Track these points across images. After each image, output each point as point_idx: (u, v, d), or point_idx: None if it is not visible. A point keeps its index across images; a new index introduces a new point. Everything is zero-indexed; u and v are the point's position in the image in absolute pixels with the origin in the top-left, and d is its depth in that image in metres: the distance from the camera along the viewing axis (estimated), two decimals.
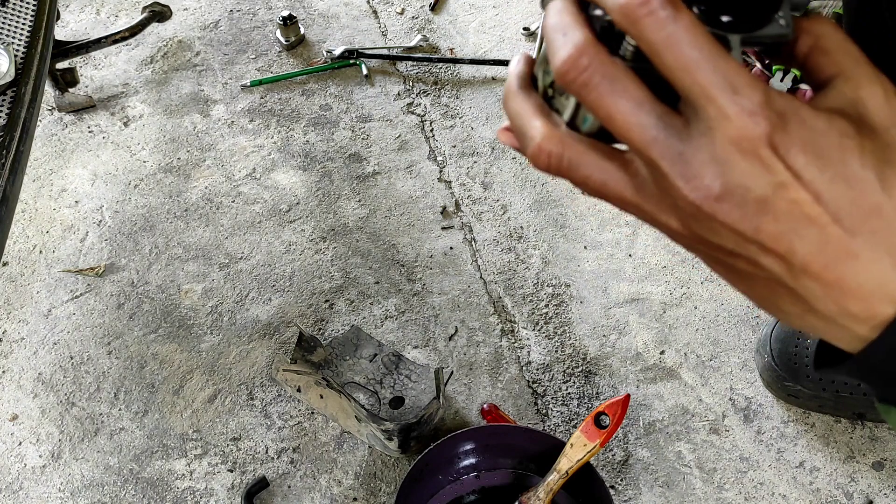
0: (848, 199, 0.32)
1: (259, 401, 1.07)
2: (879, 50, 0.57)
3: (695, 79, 0.31)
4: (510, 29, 1.57)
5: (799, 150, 0.31)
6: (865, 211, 0.32)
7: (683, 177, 0.32)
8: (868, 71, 0.35)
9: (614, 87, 0.32)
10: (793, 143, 0.31)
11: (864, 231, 0.32)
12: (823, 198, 0.31)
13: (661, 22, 0.30)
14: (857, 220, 0.32)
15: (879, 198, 0.32)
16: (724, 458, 1.00)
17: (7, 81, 0.93)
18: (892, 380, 0.36)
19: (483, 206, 1.29)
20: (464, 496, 0.93)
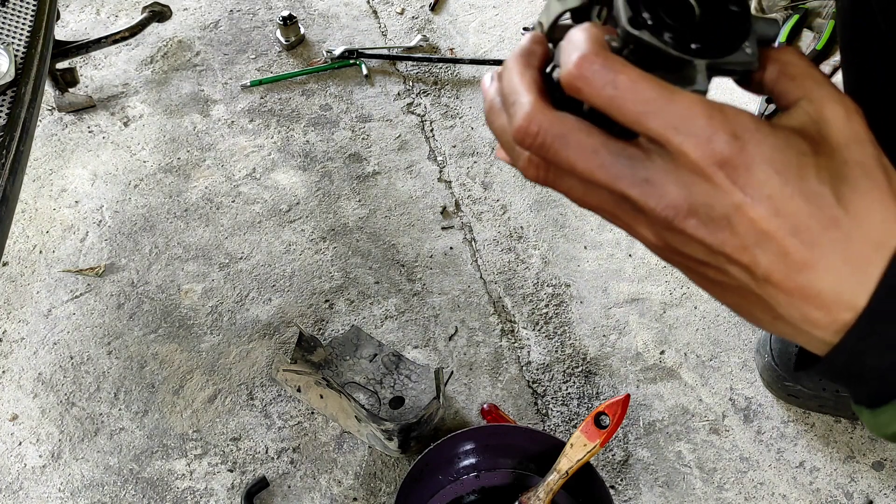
0: (805, 213, 0.34)
1: (259, 401, 1.07)
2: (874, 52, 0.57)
3: (646, 127, 0.33)
4: (510, 29, 1.57)
5: (758, 167, 0.34)
6: (822, 224, 0.34)
7: (653, 198, 0.35)
8: (830, 92, 0.37)
9: (567, 143, 0.35)
10: (752, 162, 0.34)
11: (821, 243, 0.34)
12: (782, 212, 0.34)
13: (601, 88, 0.33)
14: (814, 233, 0.34)
15: (835, 211, 0.34)
16: (724, 458, 1.00)
17: (7, 81, 0.93)
18: (857, 381, 0.39)
19: (483, 206, 1.29)
20: (464, 496, 0.93)
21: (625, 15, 0.35)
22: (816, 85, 0.37)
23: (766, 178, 0.34)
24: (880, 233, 0.35)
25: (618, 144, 0.35)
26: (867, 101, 0.59)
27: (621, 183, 0.35)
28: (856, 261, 0.35)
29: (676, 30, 0.35)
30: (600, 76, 0.33)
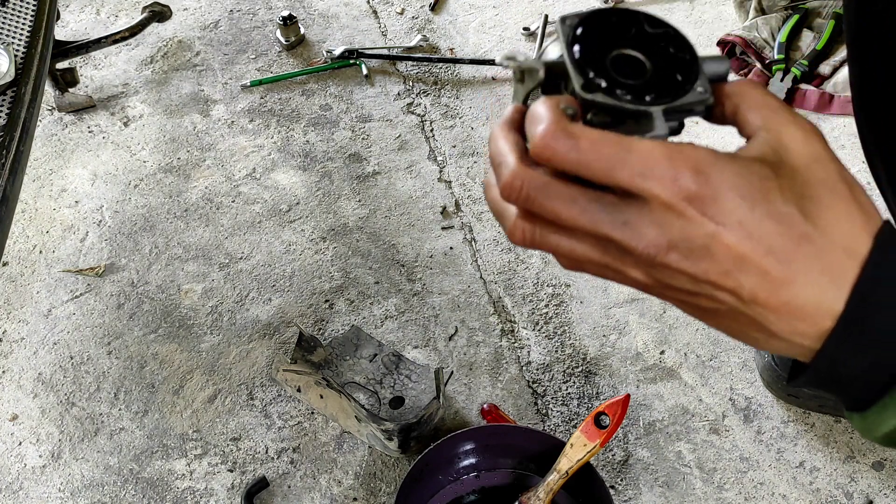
0: (776, 233, 0.37)
1: (259, 401, 1.07)
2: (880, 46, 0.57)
3: (614, 180, 0.36)
4: (510, 29, 1.57)
5: (725, 197, 0.36)
6: (794, 241, 0.37)
7: (635, 238, 0.37)
8: (787, 118, 0.40)
9: (548, 194, 0.38)
10: (718, 192, 0.36)
11: (796, 258, 0.37)
12: (755, 235, 0.36)
13: (566, 155, 0.37)
14: (788, 250, 0.37)
15: (805, 227, 0.37)
16: (724, 458, 1.00)
17: (7, 81, 0.93)
18: (842, 387, 0.41)
19: (483, 206, 1.29)
20: (464, 496, 0.93)
21: (577, 83, 0.39)
22: (773, 113, 0.40)
23: (734, 206, 0.36)
24: (850, 241, 0.37)
25: (595, 193, 0.38)
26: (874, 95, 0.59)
27: (604, 227, 0.38)
28: (831, 270, 0.37)
29: (628, 85, 0.39)
30: (562, 145, 0.37)
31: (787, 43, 1.40)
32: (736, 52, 1.45)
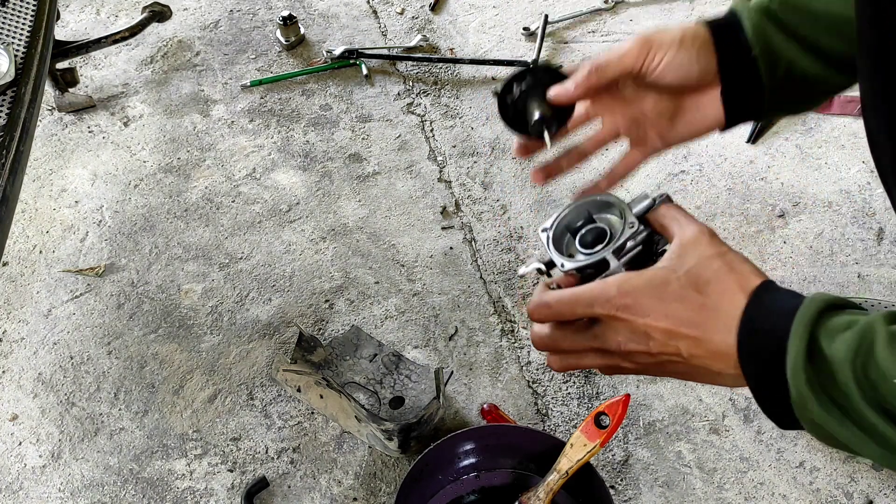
0: (682, 309, 0.59)
1: (259, 401, 1.07)
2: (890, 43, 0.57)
3: (577, 315, 0.63)
4: (510, 29, 1.57)
5: (643, 301, 0.60)
6: (696, 310, 0.59)
7: (606, 343, 0.62)
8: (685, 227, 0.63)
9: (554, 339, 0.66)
10: (638, 299, 0.60)
11: (702, 322, 0.59)
12: (669, 316, 0.59)
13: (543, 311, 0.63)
14: (694, 318, 0.59)
15: (700, 300, 0.59)
16: (724, 458, 1.00)
17: (7, 81, 0.93)
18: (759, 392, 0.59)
19: (483, 206, 1.29)
20: (464, 496, 0.93)
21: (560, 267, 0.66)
22: (677, 225, 0.63)
23: (650, 303, 0.60)
24: (731, 302, 0.59)
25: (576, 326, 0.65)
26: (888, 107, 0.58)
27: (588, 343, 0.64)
28: (725, 324, 0.58)
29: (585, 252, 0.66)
30: (541, 310, 0.64)
31: None
32: None
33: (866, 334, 0.55)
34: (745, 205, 1.24)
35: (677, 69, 0.73)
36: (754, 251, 1.19)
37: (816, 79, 0.74)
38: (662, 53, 0.73)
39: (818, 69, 0.73)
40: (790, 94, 0.75)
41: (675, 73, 0.73)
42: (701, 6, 1.59)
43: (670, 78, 0.73)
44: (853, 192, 1.25)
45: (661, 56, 0.73)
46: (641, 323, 0.60)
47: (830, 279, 1.14)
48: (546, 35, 1.53)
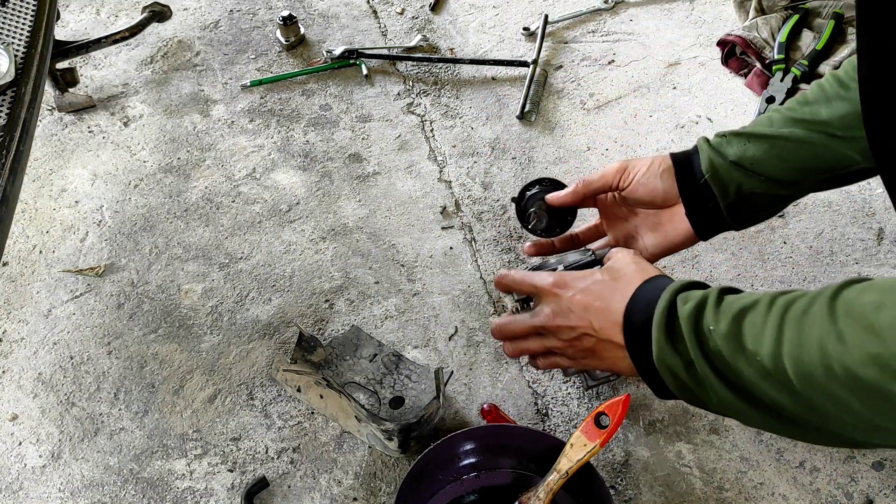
0: (599, 289, 0.79)
1: (259, 401, 1.07)
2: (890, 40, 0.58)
3: (525, 289, 0.87)
4: (510, 29, 1.57)
5: (572, 282, 0.81)
6: (610, 289, 0.78)
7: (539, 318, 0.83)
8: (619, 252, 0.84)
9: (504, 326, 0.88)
10: (568, 281, 0.82)
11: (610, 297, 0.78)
12: (588, 292, 0.79)
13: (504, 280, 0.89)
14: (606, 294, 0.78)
15: (612, 283, 0.79)
16: (724, 458, 1.00)
17: (7, 81, 0.93)
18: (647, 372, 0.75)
19: (483, 206, 1.29)
20: (464, 496, 0.93)
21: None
22: (615, 254, 0.84)
23: (576, 283, 0.81)
24: (631, 284, 0.77)
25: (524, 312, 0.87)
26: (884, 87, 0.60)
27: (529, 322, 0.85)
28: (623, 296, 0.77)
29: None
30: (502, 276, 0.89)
31: (787, 43, 1.40)
32: (736, 52, 1.45)
33: (705, 299, 0.70)
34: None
35: (645, 187, 0.93)
36: (754, 251, 1.19)
37: (767, 195, 0.90)
38: (634, 173, 0.94)
39: (765, 187, 0.89)
40: (747, 209, 0.92)
41: (644, 189, 0.93)
42: (701, 6, 1.59)
43: (640, 193, 0.94)
44: (853, 191, 1.25)
45: (632, 175, 0.94)
46: (566, 298, 0.81)
47: (830, 279, 1.14)
48: (546, 35, 1.53)
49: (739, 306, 0.68)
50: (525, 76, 1.46)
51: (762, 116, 0.94)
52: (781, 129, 0.89)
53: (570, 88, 1.46)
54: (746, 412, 0.69)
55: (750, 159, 0.89)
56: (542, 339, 0.85)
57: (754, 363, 0.65)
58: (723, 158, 0.90)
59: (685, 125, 1.37)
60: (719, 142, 0.91)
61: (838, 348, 0.59)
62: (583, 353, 0.82)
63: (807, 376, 0.61)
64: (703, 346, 0.69)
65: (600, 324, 0.78)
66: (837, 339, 0.59)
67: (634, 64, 1.49)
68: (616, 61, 1.50)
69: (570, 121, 1.40)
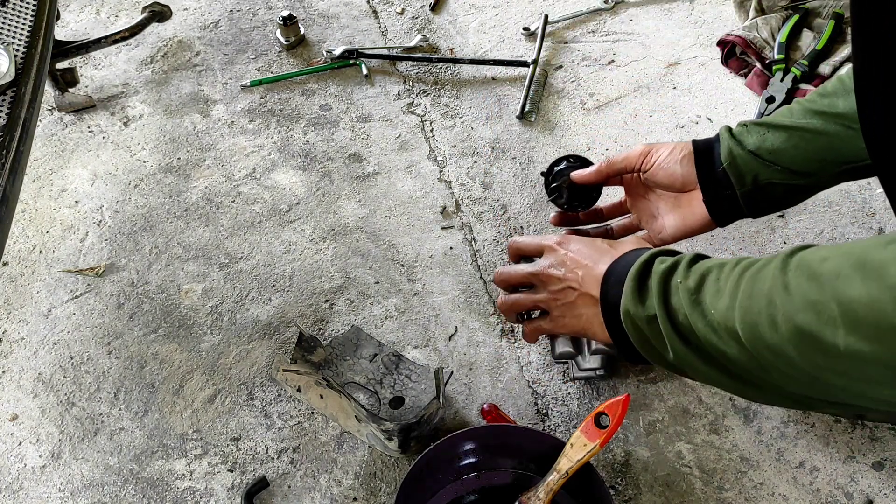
0: (592, 250, 0.87)
1: (259, 401, 1.07)
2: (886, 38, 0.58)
3: (531, 248, 0.95)
4: (510, 29, 1.57)
5: (573, 242, 0.90)
6: (600, 252, 0.86)
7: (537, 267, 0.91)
8: None
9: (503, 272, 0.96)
10: (570, 241, 0.90)
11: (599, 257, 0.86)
12: (582, 252, 0.88)
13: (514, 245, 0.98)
14: (596, 256, 0.86)
15: (608, 249, 0.87)
16: (724, 458, 1.00)
17: (7, 81, 0.93)
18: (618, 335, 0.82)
19: (483, 206, 1.29)
20: (464, 496, 0.93)
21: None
22: None
23: (576, 244, 0.89)
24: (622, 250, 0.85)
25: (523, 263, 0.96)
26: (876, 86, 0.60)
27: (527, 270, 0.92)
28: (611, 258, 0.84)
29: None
30: (513, 242, 0.98)
31: (787, 43, 1.40)
32: (736, 52, 1.45)
33: (680, 259, 0.76)
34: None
35: (665, 171, 0.96)
36: (754, 251, 1.19)
37: (783, 185, 0.92)
38: (656, 157, 0.97)
39: (781, 177, 0.91)
40: (763, 198, 0.93)
41: (664, 173, 0.96)
42: (701, 6, 1.59)
43: (660, 177, 0.97)
44: (853, 192, 1.25)
45: (654, 159, 0.97)
46: (562, 253, 0.89)
47: None
48: (546, 35, 1.53)
49: (708, 265, 0.73)
50: (525, 76, 1.46)
51: (783, 108, 0.95)
52: (800, 120, 0.90)
53: (570, 88, 1.46)
54: (699, 367, 0.72)
55: (768, 149, 0.91)
56: (533, 293, 0.92)
57: (709, 315, 0.68)
58: (741, 148, 0.92)
59: (685, 125, 1.37)
60: (740, 131, 0.94)
61: (783, 297, 0.61)
62: (564, 308, 0.88)
63: (752, 326, 0.64)
64: (667, 299, 0.73)
65: (584, 277, 0.85)
66: (784, 288, 0.61)
67: (634, 64, 1.49)
68: (616, 61, 1.50)
69: (570, 121, 1.40)
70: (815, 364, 0.60)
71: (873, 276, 0.54)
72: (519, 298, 0.94)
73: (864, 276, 0.55)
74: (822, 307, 0.57)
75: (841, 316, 0.56)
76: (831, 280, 0.57)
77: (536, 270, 0.90)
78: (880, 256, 0.55)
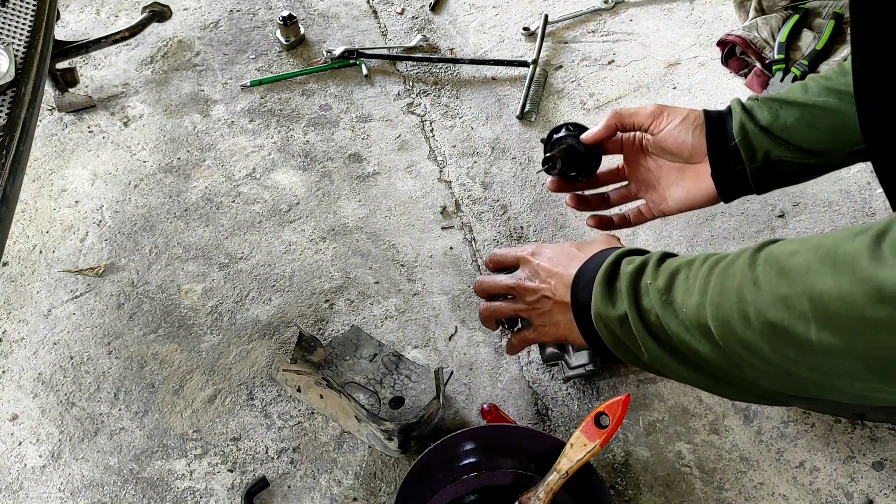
0: (562, 257, 0.87)
1: (259, 401, 1.07)
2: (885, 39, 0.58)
3: (507, 260, 0.94)
4: (510, 29, 1.57)
5: (544, 251, 0.89)
6: (569, 258, 0.86)
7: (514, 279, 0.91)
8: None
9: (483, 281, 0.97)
10: (541, 251, 0.89)
11: (569, 263, 0.85)
12: (552, 261, 0.87)
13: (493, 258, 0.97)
14: (565, 262, 0.86)
15: (576, 253, 0.86)
16: (724, 458, 1.00)
17: (7, 81, 0.93)
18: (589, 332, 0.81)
19: (483, 206, 1.29)
20: (464, 496, 0.93)
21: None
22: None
23: (547, 252, 0.88)
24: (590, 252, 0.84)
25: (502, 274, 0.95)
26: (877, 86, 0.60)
27: (505, 281, 0.92)
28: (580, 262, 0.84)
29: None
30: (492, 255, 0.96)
31: (787, 43, 1.40)
32: (736, 52, 1.45)
33: (648, 259, 0.75)
34: (745, 205, 1.24)
35: (675, 139, 0.92)
36: None
37: (794, 162, 0.89)
38: (669, 121, 0.92)
39: (792, 155, 0.89)
40: (773, 175, 0.91)
41: (673, 140, 0.92)
42: (701, 6, 1.59)
43: (669, 143, 0.92)
44: (853, 192, 1.25)
45: (666, 122, 0.92)
46: (536, 263, 0.88)
47: None
48: (546, 35, 1.53)
49: (677, 264, 0.72)
50: (525, 76, 1.46)
51: (797, 83, 0.92)
52: (816, 98, 0.88)
53: (570, 88, 1.46)
54: (673, 366, 0.71)
55: (780, 126, 0.88)
56: (513, 302, 0.92)
57: (681, 314, 0.68)
58: (754, 123, 0.89)
59: None
60: (752, 105, 0.91)
61: (753, 292, 0.61)
62: (543, 317, 0.88)
63: (724, 322, 0.64)
64: (638, 301, 0.73)
65: (556, 286, 0.85)
66: (753, 284, 0.61)
67: (634, 64, 1.49)
68: (616, 61, 1.50)
69: (570, 120, 1.40)
70: (788, 359, 0.60)
71: (843, 269, 0.54)
72: (500, 307, 0.93)
73: (834, 270, 0.55)
74: (793, 302, 0.57)
75: (812, 311, 0.56)
76: (801, 274, 0.57)
77: (513, 283, 0.90)
78: (850, 249, 0.54)
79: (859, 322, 0.53)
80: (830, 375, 0.58)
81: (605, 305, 0.76)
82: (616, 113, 0.95)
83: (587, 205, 1.05)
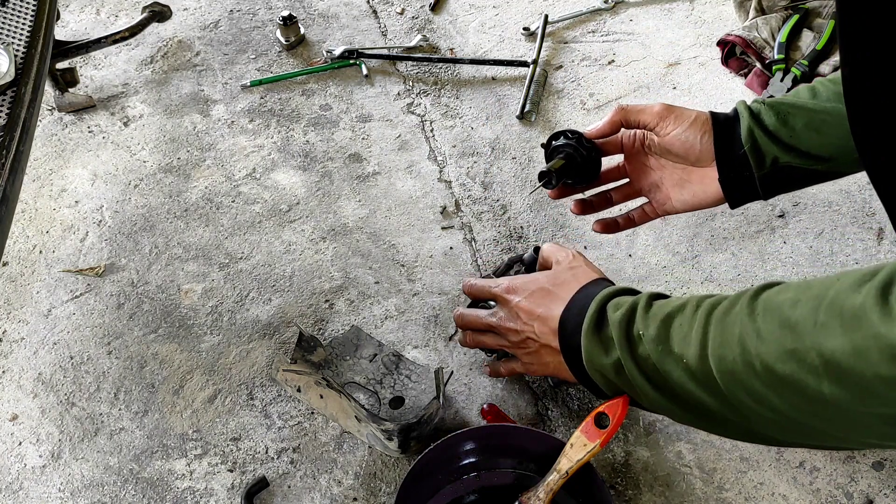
0: (540, 296, 0.86)
1: (259, 401, 1.07)
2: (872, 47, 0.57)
3: (484, 293, 0.94)
4: (510, 29, 1.57)
5: (519, 288, 0.88)
6: (549, 298, 0.85)
7: (495, 318, 0.91)
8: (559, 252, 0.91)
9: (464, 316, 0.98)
10: (516, 287, 0.89)
11: (549, 303, 0.84)
12: (530, 300, 0.86)
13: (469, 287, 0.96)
14: (546, 302, 0.84)
15: (554, 290, 0.85)
16: (724, 458, 1.00)
17: (7, 81, 0.93)
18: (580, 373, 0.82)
19: (483, 206, 1.29)
20: (464, 496, 0.93)
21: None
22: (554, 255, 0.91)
23: (523, 291, 0.87)
24: (569, 291, 0.83)
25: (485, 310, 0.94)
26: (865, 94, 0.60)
27: (486, 319, 0.92)
28: (562, 302, 0.83)
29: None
30: (469, 284, 0.96)
31: (787, 43, 1.40)
32: (736, 52, 1.45)
33: (636, 304, 0.74)
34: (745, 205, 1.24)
35: (683, 143, 0.89)
36: (754, 251, 1.19)
37: (802, 168, 0.88)
38: (676, 125, 0.89)
39: (800, 161, 0.87)
40: (781, 181, 0.89)
41: (681, 144, 0.90)
42: (701, 6, 1.59)
43: (676, 147, 0.90)
44: (853, 192, 1.25)
45: (674, 126, 0.90)
46: (514, 303, 0.87)
47: None
48: (546, 35, 1.53)
49: (668, 310, 0.71)
50: (525, 76, 1.46)
51: (806, 86, 0.90)
52: (825, 104, 0.86)
53: (570, 88, 1.46)
54: (676, 412, 0.71)
55: (788, 131, 0.87)
56: (496, 339, 0.92)
57: (681, 364, 0.67)
58: (762, 129, 0.88)
59: None
60: (759, 109, 0.89)
61: (757, 344, 0.60)
62: (530, 356, 0.88)
63: (729, 373, 0.63)
64: (632, 350, 0.71)
65: (541, 330, 0.84)
66: (756, 335, 0.60)
67: (634, 64, 1.49)
68: (616, 61, 1.50)
69: (570, 121, 1.40)
70: (800, 410, 0.59)
71: (853, 325, 0.53)
72: (484, 341, 0.95)
73: (843, 326, 0.54)
74: (801, 356, 0.56)
75: (823, 366, 0.55)
76: (808, 328, 0.56)
77: (494, 323, 0.91)
78: (856, 302, 0.53)
79: (874, 379, 0.52)
80: (843, 427, 0.58)
81: (597, 354, 0.76)
82: (621, 108, 0.93)
83: (591, 208, 1.04)
